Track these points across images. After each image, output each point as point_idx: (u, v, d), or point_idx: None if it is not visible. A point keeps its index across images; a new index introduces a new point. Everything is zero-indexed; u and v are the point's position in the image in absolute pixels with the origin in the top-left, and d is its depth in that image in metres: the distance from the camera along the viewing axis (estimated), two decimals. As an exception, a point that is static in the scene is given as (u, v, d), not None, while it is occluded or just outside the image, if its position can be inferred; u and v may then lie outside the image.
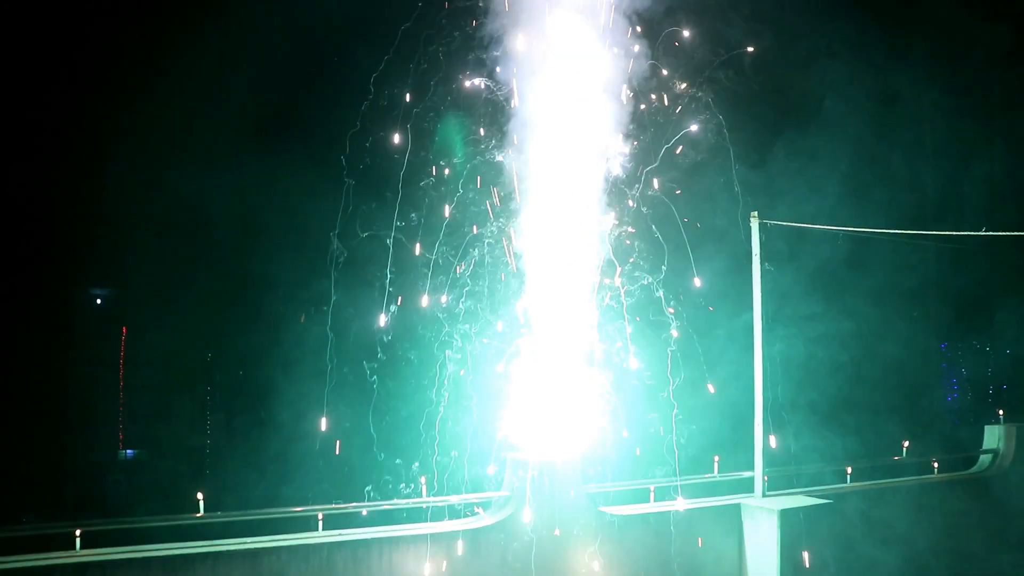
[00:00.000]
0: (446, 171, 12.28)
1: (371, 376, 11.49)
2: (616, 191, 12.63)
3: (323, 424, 12.01)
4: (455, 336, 12.01)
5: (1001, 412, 16.92)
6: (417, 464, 11.36)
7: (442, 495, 11.46)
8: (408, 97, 12.03)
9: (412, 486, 11.24)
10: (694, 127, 12.90)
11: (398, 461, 11.50)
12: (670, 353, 12.46)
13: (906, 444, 15.91)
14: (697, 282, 13.02)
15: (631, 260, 12.55)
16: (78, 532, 9.49)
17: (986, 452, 16.57)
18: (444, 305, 11.97)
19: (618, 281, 12.49)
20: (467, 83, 12.33)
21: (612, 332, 12.50)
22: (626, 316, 12.41)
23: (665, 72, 12.89)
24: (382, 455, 11.34)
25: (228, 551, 9.89)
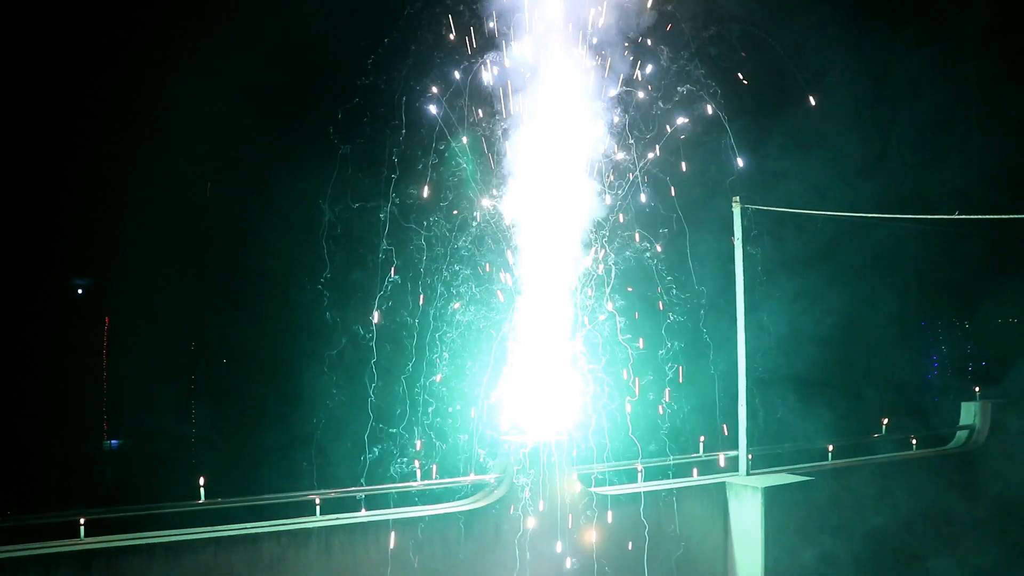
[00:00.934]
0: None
1: (369, 342, 11.62)
2: (608, 169, 12.86)
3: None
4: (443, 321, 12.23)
5: (977, 389, 17.36)
6: (420, 443, 11.63)
7: (434, 478, 11.75)
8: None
9: (405, 461, 11.50)
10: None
11: (378, 447, 11.71)
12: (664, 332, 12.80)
13: (885, 421, 16.34)
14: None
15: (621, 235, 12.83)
16: (82, 520, 9.71)
17: (962, 428, 17.03)
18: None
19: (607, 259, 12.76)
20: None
21: (603, 311, 12.77)
22: (607, 293, 12.66)
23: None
24: (375, 449, 11.56)
25: (229, 536, 10.13)
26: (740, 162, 13.51)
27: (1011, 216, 11.99)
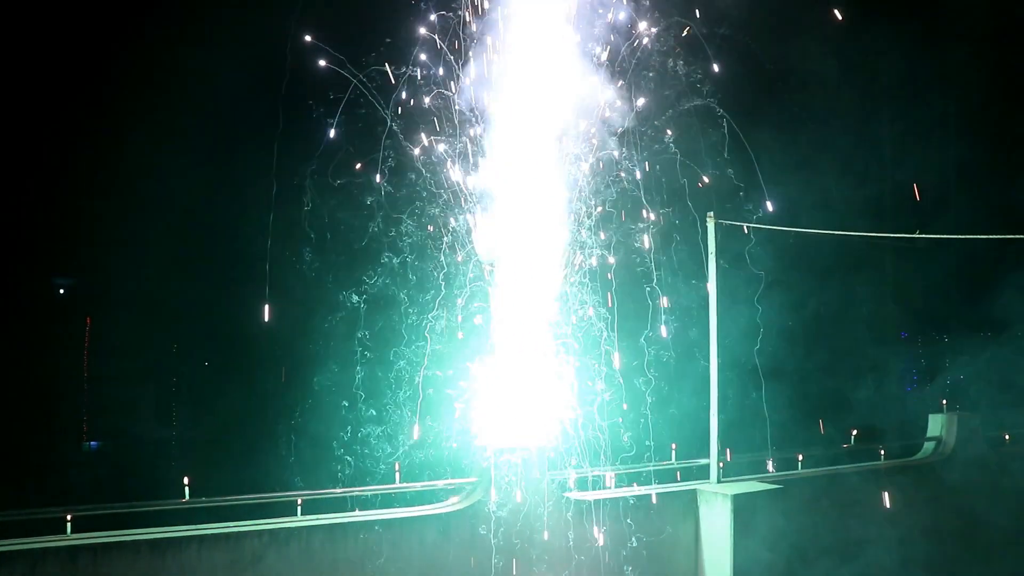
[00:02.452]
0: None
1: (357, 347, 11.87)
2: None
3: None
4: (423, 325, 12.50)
5: (944, 401, 17.82)
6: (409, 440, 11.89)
7: (413, 481, 12.05)
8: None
9: (383, 466, 11.77)
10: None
11: (359, 447, 11.97)
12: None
13: (854, 432, 16.75)
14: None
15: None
16: (69, 517, 9.94)
17: (930, 440, 17.47)
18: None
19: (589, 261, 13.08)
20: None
21: (584, 315, 13.09)
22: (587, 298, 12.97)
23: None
24: (357, 453, 11.83)
25: (212, 535, 10.40)
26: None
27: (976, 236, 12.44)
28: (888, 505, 15.29)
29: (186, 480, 10.72)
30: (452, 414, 12.44)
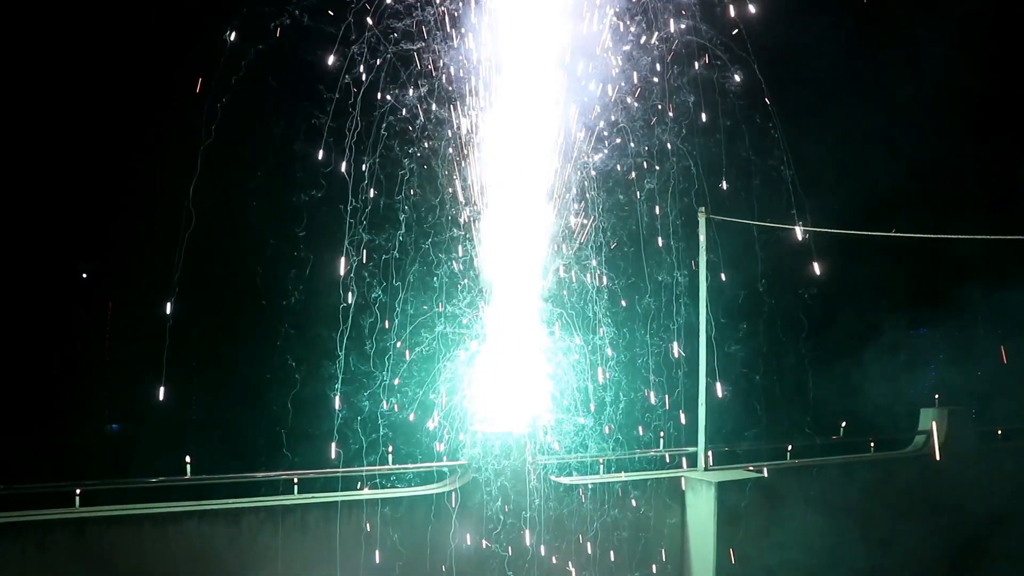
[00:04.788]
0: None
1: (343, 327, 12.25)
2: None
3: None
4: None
5: (936, 396, 18.09)
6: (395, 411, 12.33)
7: (406, 463, 12.58)
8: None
9: (380, 447, 12.25)
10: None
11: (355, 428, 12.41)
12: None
13: (843, 424, 17.08)
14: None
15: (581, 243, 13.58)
16: (78, 491, 10.57)
17: (920, 433, 17.75)
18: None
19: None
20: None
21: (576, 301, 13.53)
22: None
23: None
24: (350, 432, 12.27)
25: (212, 510, 11.00)
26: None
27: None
28: (875, 497, 15.62)
29: (188, 459, 11.31)
30: (447, 399, 12.91)
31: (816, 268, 14.30)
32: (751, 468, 14.61)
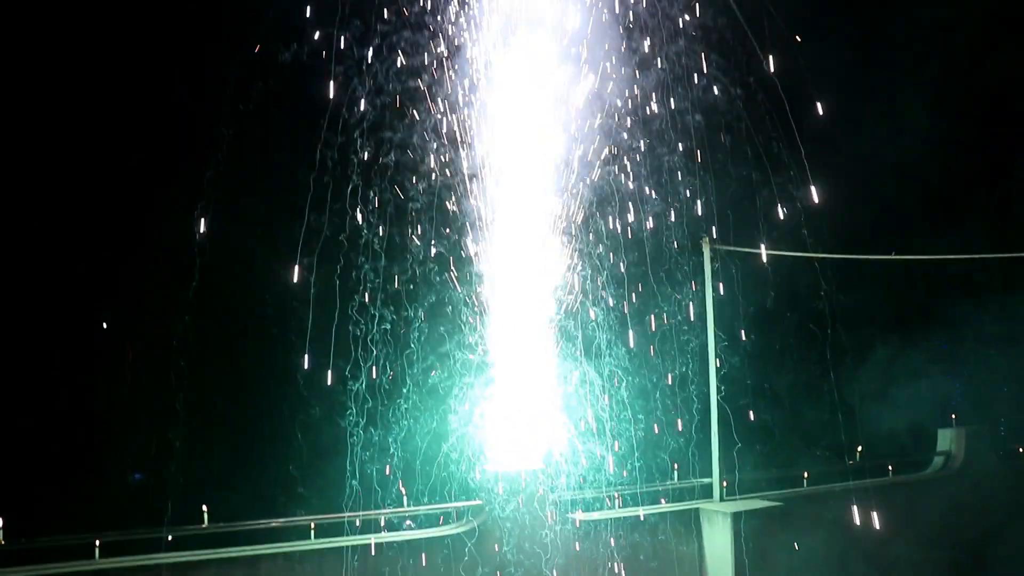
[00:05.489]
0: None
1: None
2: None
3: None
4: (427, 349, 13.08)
5: (954, 416, 18.04)
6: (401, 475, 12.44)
7: (420, 504, 12.65)
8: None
9: (393, 488, 12.33)
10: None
11: (369, 469, 12.49)
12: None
13: (859, 449, 17.01)
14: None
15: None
16: (97, 542, 10.70)
17: (939, 454, 17.69)
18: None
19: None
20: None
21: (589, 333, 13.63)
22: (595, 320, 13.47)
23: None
24: (366, 471, 12.38)
25: (229, 558, 11.10)
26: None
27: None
28: (895, 521, 15.52)
29: (204, 508, 11.45)
30: (459, 439, 13.00)
31: (824, 292, 14.39)
32: (767, 496, 14.61)
